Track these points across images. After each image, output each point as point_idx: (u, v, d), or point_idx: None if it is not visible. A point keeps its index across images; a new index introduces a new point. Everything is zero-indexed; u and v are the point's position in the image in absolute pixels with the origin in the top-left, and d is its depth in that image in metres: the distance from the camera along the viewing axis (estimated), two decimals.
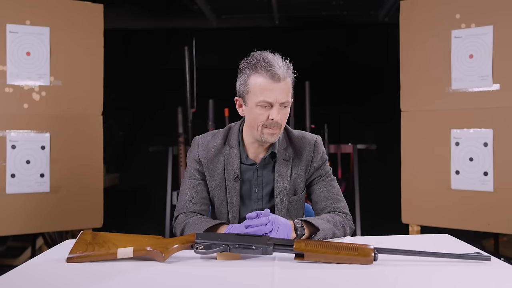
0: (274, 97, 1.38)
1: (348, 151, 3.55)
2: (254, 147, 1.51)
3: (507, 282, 1.04)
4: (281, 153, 1.52)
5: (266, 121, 1.40)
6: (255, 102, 1.40)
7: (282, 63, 1.39)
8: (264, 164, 1.53)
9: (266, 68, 1.36)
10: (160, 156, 3.65)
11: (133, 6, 4.14)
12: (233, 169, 1.50)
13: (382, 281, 1.04)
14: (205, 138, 1.56)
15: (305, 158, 1.54)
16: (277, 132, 1.43)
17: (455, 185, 2.63)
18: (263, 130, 1.42)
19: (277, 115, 1.39)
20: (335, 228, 1.43)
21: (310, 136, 1.58)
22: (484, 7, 2.55)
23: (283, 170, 1.51)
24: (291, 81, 1.43)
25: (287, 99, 1.40)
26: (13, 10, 2.59)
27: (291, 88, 1.43)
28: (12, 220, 2.56)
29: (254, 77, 1.39)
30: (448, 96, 2.66)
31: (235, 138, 1.53)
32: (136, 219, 4.10)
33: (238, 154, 1.51)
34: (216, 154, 1.53)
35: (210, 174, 1.53)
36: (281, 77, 1.37)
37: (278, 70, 1.36)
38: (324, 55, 4.37)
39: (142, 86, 4.32)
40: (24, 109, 2.61)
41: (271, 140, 1.44)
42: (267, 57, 1.39)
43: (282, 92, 1.38)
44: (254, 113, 1.41)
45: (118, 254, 1.19)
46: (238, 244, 1.19)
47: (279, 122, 1.41)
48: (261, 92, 1.38)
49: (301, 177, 1.54)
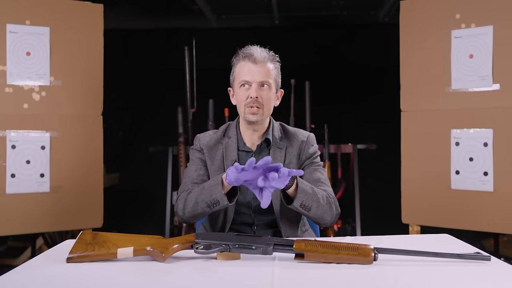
0: (251, 76, 1.53)
1: (348, 151, 3.55)
2: (249, 134, 1.61)
3: (507, 282, 1.04)
4: (275, 142, 1.62)
5: (246, 100, 1.53)
6: (238, 84, 1.56)
7: (263, 51, 1.56)
8: (259, 151, 1.62)
9: (246, 54, 1.55)
10: (160, 156, 3.65)
11: (133, 6, 4.14)
12: (231, 155, 1.60)
13: (382, 281, 1.04)
14: (206, 133, 1.70)
15: (297, 146, 1.64)
16: (259, 114, 1.54)
17: (455, 185, 2.63)
18: (245, 109, 1.54)
19: (254, 92, 1.52)
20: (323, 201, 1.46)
21: (304, 132, 1.69)
22: (484, 7, 2.55)
23: (277, 156, 1.61)
24: (275, 68, 1.58)
25: (265, 79, 1.53)
26: (13, 10, 2.59)
27: (272, 73, 1.56)
28: (12, 220, 2.56)
29: (239, 65, 1.57)
30: (448, 96, 2.66)
31: (233, 130, 1.65)
32: (136, 219, 4.10)
33: (236, 143, 1.62)
34: (216, 143, 1.64)
35: (210, 159, 1.62)
36: (257, 59, 1.53)
37: (255, 53, 1.54)
38: (324, 55, 4.37)
39: (142, 86, 4.32)
40: (24, 109, 2.61)
41: (253, 119, 1.54)
42: (250, 47, 1.58)
43: (259, 72, 1.53)
44: (238, 95, 1.57)
45: (118, 254, 1.19)
46: (238, 244, 1.19)
47: (258, 101, 1.53)
48: (241, 75, 1.55)
49: (294, 162, 1.62)
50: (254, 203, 1.58)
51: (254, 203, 1.58)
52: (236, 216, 1.58)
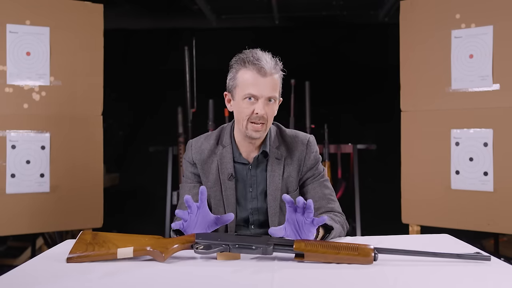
0: (259, 91, 1.40)
1: (348, 151, 3.55)
2: (245, 145, 1.51)
3: (507, 282, 1.04)
4: (273, 152, 1.53)
5: (251, 115, 1.42)
6: (242, 95, 1.42)
7: (271, 60, 1.42)
8: (257, 164, 1.53)
9: (254, 63, 1.40)
10: (160, 156, 3.65)
11: (133, 6, 4.14)
12: (227, 168, 1.51)
13: (382, 281, 1.04)
14: (198, 141, 1.58)
15: (297, 157, 1.54)
16: (262, 130, 1.44)
17: (455, 185, 2.63)
18: (248, 125, 1.43)
19: (261, 109, 1.40)
20: (341, 228, 1.45)
21: (303, 135, 1.59)
22: (484, 7, 2.55)
23: (275, 169, 1.52)
24: (280, 79, 1.46)
25: (273, 94, 1.42)
26: (13, 10, 2.59)
27: (278, 85, 1.46)
28: (12, 220, 2.55)
29: (242, 72, 1.43)
30: (448, 96, 2.66)
31: (227, 138, 1.54)
32: (136, 219, 4.10)
33: (231, 153, 1.52)
34: (209, 155, 1.54)
35: (205, 175, 1.54)
36: (267, 71, 1.40)
37: (265, 64, 1.40)
38: (324, 55, 4.37)
39: (142, 86, 4.32)
40: (24, 109, 2.60)
41: (255, 136, 1.44)
42: (256, 53, 1.43)
43: (268, 86, 1.41)
44: (240, 106, 1.44)
45: (118, 254, 1.19)
46: (238, 244, 1.19)
47: (264, 117, 1.42)
48: (247, 86, 1.41)
49: (294, 176, 1.54)
50: (252, 218, 1.55)
51: (252, 218, 1.55)
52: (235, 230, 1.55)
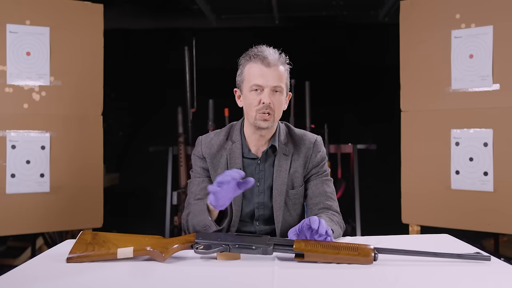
0: (264, 80, 1.46)
1: (348, 151, 3.55)
2: (255, 139, 1.54)
3: (507, 282, 1.04)
4: (281, 148, 1.56)
5: (258, 105, 1.46)
6: (248, 87, 1.48)
7: (275, 52, 1.48)
8: (265, 158, 1.56)
9: (258, 55, 1.47)
10: (160, 156, 3.65)
11: (133, 6, 4.14)
12: (236, 163, 1.54)
13: (382, 281, 1.04)
14: (208, 136, 1.62)
15: (304, 153, 1.58)
16: (270, 120, 1.47)
17: (455, 185, 2.62)
18: (256, 115, 1.47)
19: (267, 98, 1.45)
20: (340, 229, 1.47)
21: (311, 135, 1.63)
22: (484, 7, 2.55)
23: (282, 164, 1.55)
24: (285, 71, 1.51)
25: (278, 83, 1.47)
26: (13, 10, 2.59)
27: (284, 76, 1.50)
28: (12, 220, 2.55)
29: (249, 66, 1.49)
30: (448, 96, 2.66)
31: (237, 134, 1.58)
32: (136, 219, 4.10)
33: (240, 149, 1.55)
34: (219, 149, 1.57)
35: (213, 168, 1.56)
36: (271, 62, 1.46)
37: (268, 55, 1.46)
38: (324, 55, 4.37)
39: (142, 86, 4.32)
40: (24, 109, 2.60)
41: (264, 126, 1.48)
42: (260, 47, 1.50)
43: (272, 76, 1.46)
44: (248, 98, 1.49)
45: (118, 254, 1.19)
46: (238, 244, 1.19)
47: (270, 106, 1.46)
48: (253, 77, 1.47)
49: (300, 171, 1.57)
50: (257, 213, 1.56)
51: (258, 213, 1.56)
52: (240, 226, 1.56)
